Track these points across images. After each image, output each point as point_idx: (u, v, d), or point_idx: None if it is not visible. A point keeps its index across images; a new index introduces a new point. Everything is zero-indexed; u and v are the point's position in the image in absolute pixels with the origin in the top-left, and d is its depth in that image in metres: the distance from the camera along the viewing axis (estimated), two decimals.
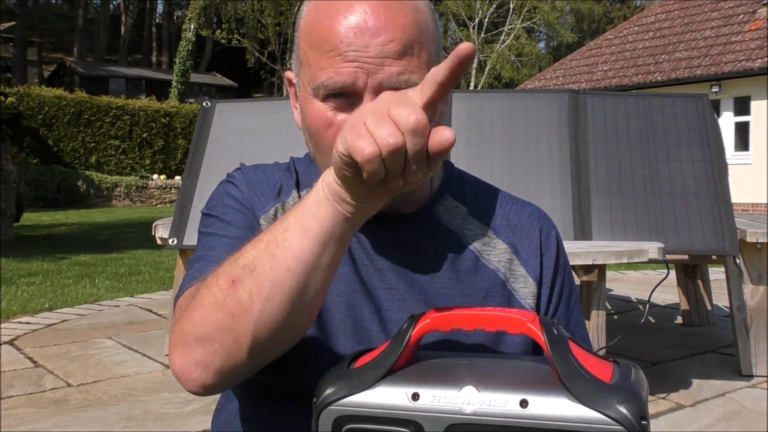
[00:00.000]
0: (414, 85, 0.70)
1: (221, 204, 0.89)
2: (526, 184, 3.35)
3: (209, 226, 0.88)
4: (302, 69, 0.81)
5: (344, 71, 0.74)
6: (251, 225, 0.86)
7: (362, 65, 0.74)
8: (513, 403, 0.62)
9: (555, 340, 0.65)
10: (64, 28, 38.50)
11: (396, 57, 0.74)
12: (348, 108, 0.76)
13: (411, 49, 0.75)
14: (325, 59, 0.75)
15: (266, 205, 0.88)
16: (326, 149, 0.77)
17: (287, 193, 0.89)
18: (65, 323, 4.89)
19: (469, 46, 0.59)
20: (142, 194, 19.94)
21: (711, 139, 3.41)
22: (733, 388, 3.37)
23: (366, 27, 0.74)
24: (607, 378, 0.63)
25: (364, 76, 0.74)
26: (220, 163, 3.57)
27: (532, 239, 0.91)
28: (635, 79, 14.70)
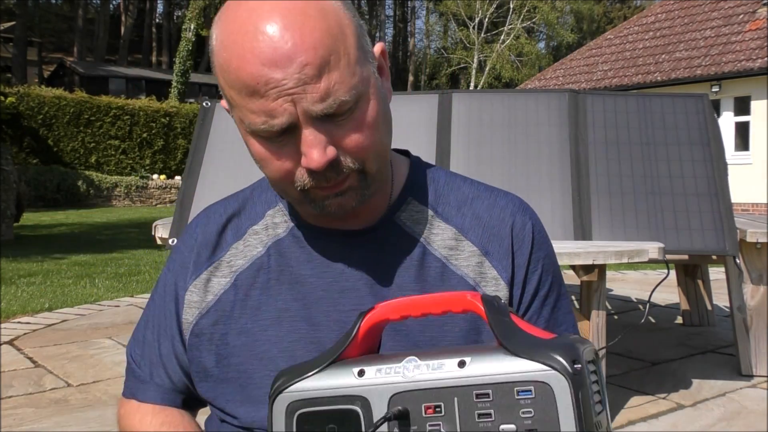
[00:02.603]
0: (341, 105, 0.72)
1: (158, 290, 0.94)
2: (526, 184, 3.35)
3: (152, 293, 0.96)
4: (233, 108, 0.77)
5: (275, 110, 0.71)
6: (168, 315, 0.91)
7: (286, 99, 0.71)
8: (451, 365, 0.63)
9: (495, 309, 0.66)
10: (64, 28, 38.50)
11: (316, 80, 0.71)
12: (288, 139, 0.74)
13: (328, 64, 0.71)
14: (250, 102, 0.72)
15: (199, 269, 0.89)
16: (276, 179, 0.78)
17: (223, 249, 0.90)
18: (65, 323, 4.89)
19: None
20: (142, 194, 19.94)
21: (711, 138, 3.41)
22: (733, 388, 3.37)
23: (276, 58, 0.70)
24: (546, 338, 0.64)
25: (293, 109, 0.71)
26: (220, 163, 3.57)
27: (504, 237, 0.86)
28: (635, 79, 14.69)
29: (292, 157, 0.75)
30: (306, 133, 0.72)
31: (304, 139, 0.73)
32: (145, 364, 0.92)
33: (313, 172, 0.74)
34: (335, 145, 0.74)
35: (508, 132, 3.51)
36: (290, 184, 0.77)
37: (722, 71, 13.14)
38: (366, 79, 0.75)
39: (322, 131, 0.73)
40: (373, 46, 0.81)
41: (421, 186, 0.89)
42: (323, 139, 0.73)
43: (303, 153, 0.73)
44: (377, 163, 0.78)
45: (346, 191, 0.77)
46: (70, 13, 38.86)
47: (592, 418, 0.59)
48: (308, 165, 0.73)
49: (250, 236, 0.89)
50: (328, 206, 0.78)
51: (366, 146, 0.76)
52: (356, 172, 0.76)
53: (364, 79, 0.75)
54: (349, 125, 0.74)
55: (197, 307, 0.88)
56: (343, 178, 0.76)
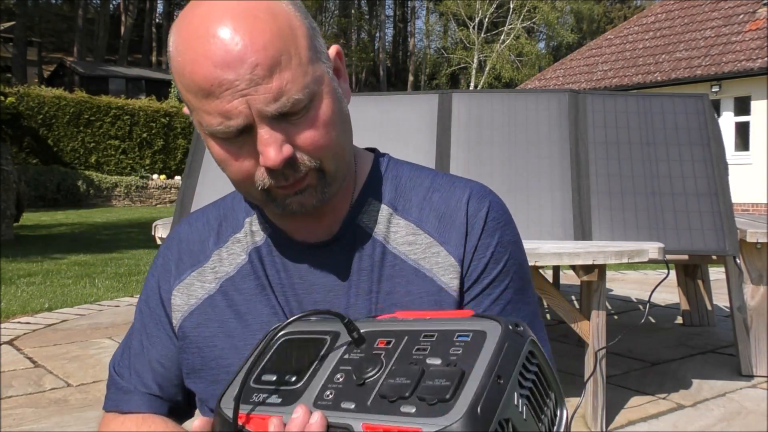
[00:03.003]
0: (294, 104, 0.74)
1: (142, 297, 0.96)
2: (527, 184, 3.35)
3: (137, 303, 0.97)
4: (191, 111, 0.79)
5: (231, 112, 0.73)
6: (156, 323, 0.93)
7: (241, 99, 0.73)
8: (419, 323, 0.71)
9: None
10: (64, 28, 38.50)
11: (267, 80, 0.73)
12: (244, 140, 0.76)
13: (279, 64, 0.73)
14: (206, 104, 0.74)
15: (182, 274, 0.92)
16: (238, 180, 0.80)
17: (206, 256, 0.92)
18: (65, 323, 4.89)
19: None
20: (142, 194, 19.94)
21: (711, 138, 3.41)
22: (733, 388, 3.37)
23: (228, 60, 0.72)
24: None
25: (248, 109, 0.73)
26: None
27: (459, 224, 0.86)
28: (635, 79, 14.69)
29: (251, 157, 0.77)
30: (261, 132, 0.74)
31: (260, 139, 0.74)
32: (130, 374, 0.93)
33: (272, 171, 0.76)
34: (291, 143, 0.76)
35: (508, 132, 3.51)
36: (251, 184, 0.79)
37: (722, 71, 13.14)
38: (319, 79, 0.77)
39: (278, 130, 0.75)
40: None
41: (381, 185, 0.91)
42: (279, 137, 0.75)
43: (260, 152, 0.75)
44: (335, 162, 0.81)
45: (305, 189, 0.79)
46: (70, 13, 38.85)
47: (510, 373, 0.61)
48: (265, 163, 0.75)
49: (233, 244, 0.91)
50: (290, 204, 0.80)
51: (321, 144, 0.78)
52: (314, 170, 0.79)
53: (317, 78, 0.76)
54: (304, 124, 0.76)
55: (180, 310, 0.90)
56: (302, 176, 0.78)
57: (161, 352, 0.92)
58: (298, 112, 0.75)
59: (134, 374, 0.93)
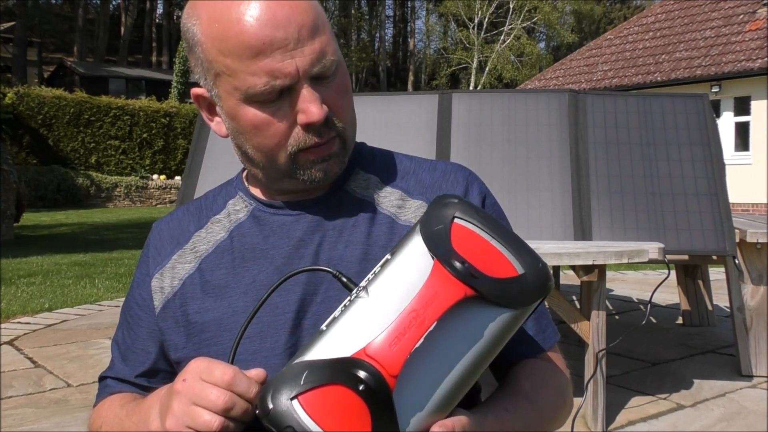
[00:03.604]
0: (330, 65, 0.80)
1: (131, 293, 0.97)
2: (527, 184, 3.35)
3: (125, 304, 0.98)
4: (221, 80, 0.82)
5: (280, 71, 0.77)
6: (144, 311, 0.94)
7: (289, 59, 0.77)
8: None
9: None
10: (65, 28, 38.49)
11: (310, 41, 0.78)
12: (282, 101, 0.80)
13: (318, 27, 0.80)
14: (252, 64, 0.77)
15: (164, 259, 0.94)
16: (268, 147, 0.83)
17: (186, 238, 0.95)
18: (65, 323, 4.89)
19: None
20: (142, 194, 19.93)
21: (711, 138, 3.41)
22: (733, 388, 3.37)
23: (277, 20, 0.77)
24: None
25: (295, 69, 0.78)
26: (220, 163, 3.57)
27: (446, 191, 0.92)
28: (635, 79, 14.69)
29: (285, 119, 0.80)
30: (304, 91, 0.79)
31: (302, 97, 0.79)
32: (120, 365, 0.96)
33: (309, 128, 0.80)
34: (325, 104, 0.81)
35: (508, 132, 3.51)
36: (281, 149, 0.82)
37: (722, 71, 13.14)
38: (339, 51, 0.84)
39: (316, 90, 0.80)
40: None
41: (365, 158, 0.96)
42: (318, 96, 0.80)
43: (301, 110, 0.79)
44: (352, 131, 0.87)
45: (330, 156, 0.84)
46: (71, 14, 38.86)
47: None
48: (308, 119, 0.79)
49: (212, 224, 0.94)
50: (315, 173, 0.84)
51: (346, 110, 0.84)
52: (338, 137, 0.84)
53: (339, 48, 0.84)
54: (332, 88, 0.82)
55: (162, 292, 0.92)
56: (332, 137, 0.83)
57: (138, 336, 0.94)
58: (330, 76, 0.81)
59: (118, 365, 0.96)
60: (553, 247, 2.83)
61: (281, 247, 0.89)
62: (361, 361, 0.65)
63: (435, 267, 0.68)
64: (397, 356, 0.65)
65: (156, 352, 0.93)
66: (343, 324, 0.68)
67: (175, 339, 0.90)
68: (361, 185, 0.93)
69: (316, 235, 0.89)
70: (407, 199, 0.92)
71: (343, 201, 0.91)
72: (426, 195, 0.92)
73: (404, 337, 0.66)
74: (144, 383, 0.93)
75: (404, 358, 0.65)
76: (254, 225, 0.91)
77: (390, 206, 0.91)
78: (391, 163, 0.97)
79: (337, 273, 0.77)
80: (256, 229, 0.91)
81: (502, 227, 0.72)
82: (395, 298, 0.68)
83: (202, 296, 0.89)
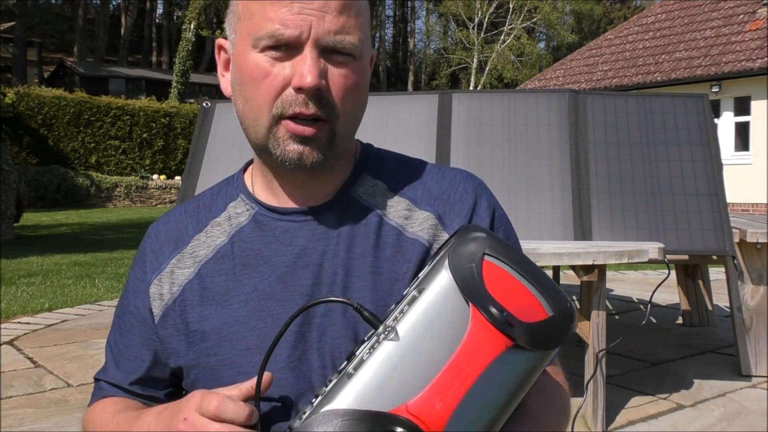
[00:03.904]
0: (348, 46, 0.79)
1: (125, 298, 0.94)
2: (527, 184, 3.35)
3: (119, 306, 0.95)
4: (240, 23, 0.81)
5: (291, 22, 0.76)
6: (139, 320, 0.92)
7: (306, 17, 0.76)
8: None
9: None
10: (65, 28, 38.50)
11: (336, 13, 0.77)
12: (285, 58, 0.78)
13: (350, 9, 0.79)
14: (270, 10, 0.77)
15: (162, 263, 0.91)
16: (257, 102, 0.80)
17: (184, 242, 0.91)
18: (65, 323, 4.89)
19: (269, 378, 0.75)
20: (142, 194, 19.93)
21: (711, 139, 3.41)
22: (733, 388, 3.37)
23: None
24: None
25: (308, 28, 0.76)
26: (220, 163, 3.57)
27: (455, 202, 0.90)
28: (635, 79, 14.69)
29: (282, 77, 0.78)
30: (309, 55, 0.77)
31: (303, 59, 0.77)
32: (114, 370, 0.94)
33: (299, 92, 0.78)
34: (327, 83, 0.79)
35: (508, 132, 3.51)
36: (268, 107, 0.79)
37: (722, 71, 13.14)
38: (367, 51, 0.83)
39: (323, 62, 0.78)
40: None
41: (372, 162, 0.93)
42: (321, 66, 0.78)
43: (297, 72, 0.77)
44: (345, 126, 0.83)
45: (312, 140, 0.80)
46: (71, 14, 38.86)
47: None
48: (300, 82, 0.77)
49: (212, 228, 0.91)
50: (288, 152, 0.80)
51: (348, 102, 0.81)
52: (327, 123, 0.80)
53: (367, 48, 0.82)
54: (341, 71, 0.79)
55: (161, 299, 0.89)
56: (319, 123, 0.80)
57: (132, 341, 0.91)
58: (344, 55, 0.79)
59: (112, 370, 0.93)
60: (553, 247, 2.83)
61: (284, 255, 0.86)
62: (405, 419, 0.63)
63: (473, 315, 0.66)
64: (440, 415, 0.63)
65: (150, 360, 0.90)
66: (374, 369, 0.65)
67: (176, 346, 0.87)
68: (368, 192, 0.90)
69: (320, 244, 0.86)
70: (414, 210, 0.89)
71: (349, 208, 0.88)
72: (434, 206, 0.89)
73: (447, 393, 0.64)
74: (138, 390, 0.91)
75: (448, 417, 0.63)
76: (256, 230, 0.88)
77: (397, 216, 0.88)
78: (398, 168, 0.93)
79: (358, 306, 0.74)
80: (258, 234, 0.88)
81: (529, 263, 0.71)
82: (431, 347, 0.65)
83: (201, 303, 0.87)
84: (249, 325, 0.84)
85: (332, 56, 0.79)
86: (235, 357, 0.83)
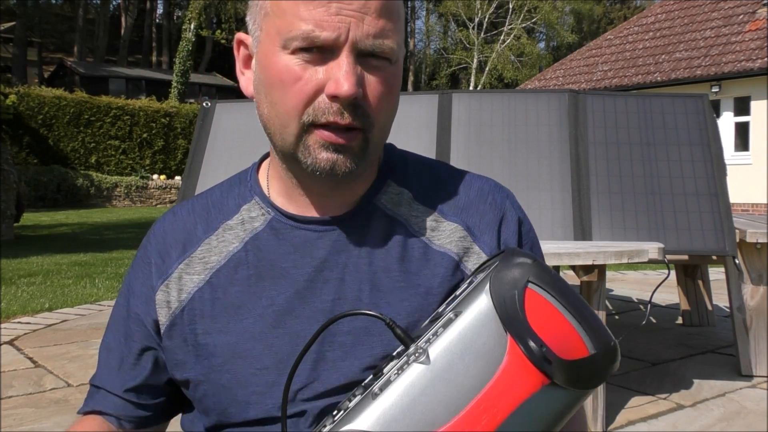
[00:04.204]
0: (386, 50, 0.73)
1: (126, 303, 0.88)
2: (526, 184, 3.35)
3: (118, 307, 0.89)
4: (268, 20, 0.75)
5: (328, 24, 0.70)
6: (134, 324, 0.86)
7: (344, 18, 0.71)
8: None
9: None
10: (65, 28, 38.50)
11: (376, 15, 0.72)
12: (318, 62, 0.72)
13: (390, 12, 0.73)
14: (305, 9, 0.71)
15: (169, 268, 0.84)
16: (285, 107, 0.74)
17: (193, 245, 0.85)
18: (65, 323, 4.89)
19: None
20: (142, 194, 19.94)
21: (711, 139, 3.41)
22: (733, 388, 3.37)
23: None
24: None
25: (346, 31, 0.71)
26: (220, 163, 3.57)
27: (484, 213, 0.86)
28: (635, 79, 14.69)
29: (316, 82, 0.72)
30: (346, 61, 0.71)
31: (340, 66, 0.71)
32: (107, 376, 0.88)
33: (335, 101, 0.72)
34: (363, 90, 0.73)
35: (508, 132, 3.52)
36: (297, 114, 0.74)
37: (722, 71, 13.14)
38: (402, 56, 0.77)
39: (359, 68, 0.72)
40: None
41: (398, 167, 0.88)
42: (358, 73, 0.72)
43: (333, 78, 0.71)
44: (379, 134, 0.78)
45: (345, 149, 0.74)
46: (71, 14, 38.86)
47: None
48: (336, 90, 0.71)
49: (225, 231, 0.84)
50: (320, 161, 0.75)
51: (383, 110, 0.76)
52: (362, 132, 0.75)
53: (402, 52, 0.77)
54: (378, 77, 0.74)
55: (168, 306, 0.83)
56: (354, 132, 0.74)
57: (137, 353, 0.86)
58: (382, 60, 0.74)
59: (108, 375, 0.88)
60: (553, 247, 2.83)
61: (303, 267, 0.80)
62: None
63: (510, 347, 0.63)
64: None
65: (150, 368, 0.85)
66: (400, 392, 0.62)
67: (183, 358, 0.82)
68: (393, 200, 0.84)
69: (341, 256, 0.80)
70: (441, 221, 0.84)
71: (373, 218, 0.83)
72: (461, 217, 0.84)
73: (474, 429, 0.61)
74: (132, 398, 0.86)
75: None
76: (272, 238, 0.82)
77: (423, 228, 0.83)
78: (424, 173, 0.88)
79: (390, 322, 0.68)
80: (275, 242, 0.82)
81: (575, 296, 0.67)
82: (463, 375, 0.62)
83: (212, 314, 0.81)
84: (266, 342, 0.79)
85: (368, 60, 0.73)
86: (249, 376, 0.78)
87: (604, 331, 0.66)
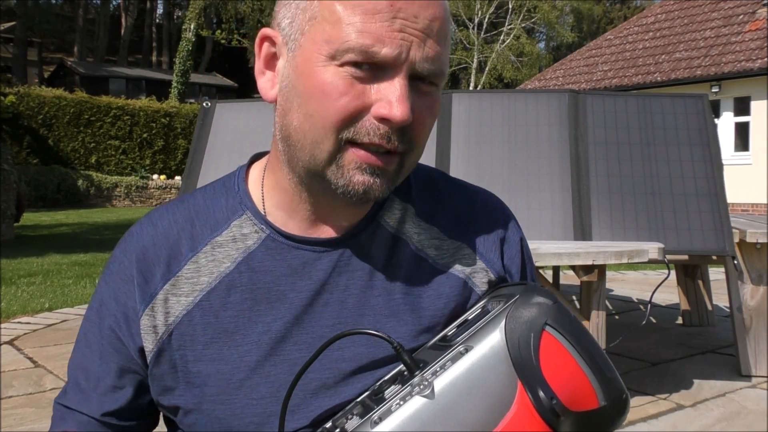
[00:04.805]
0: (439, 76, 0.70)
1: (102, 321, 0.80)
2: (526, 184, 3.35)
3: (90, 324, 0.81)
4: (315, 25, 0.68)
5: (390, 41, 0.65)
6: (110, 346, 0.79)
7: (407, 36, 0.66)
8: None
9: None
10: (65, 28, 38.51)
11: (437, 38, 0.68)
12: (369, 80, 0.67)
13: (446, 37, 0.70)
14: (364, 20, 0.65)
15: (154, 288, 0.77)
16: (323, 122, 0.68)
17: (178, 263, 0.78)
18: (65, 323, 4.89)
19: None
20: (142, 194, 19.94)
21: (710, 139, 3.41)
22: (733, 388, 3.37)
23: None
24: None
25: (407, 50, 0.66)
26: (220, 163, 3.58)
27: (487, 230, 0.83)
28: (635, 79, 14.69)
29: (363, 101, 0.67)
30: (402, 83, 0.66)
31: (393, 86, 0.66)
32: (75, 391, 0.81)
33: (385, 123, 0.67)
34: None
35: (508, 132, 3.52)
36: (336, 130, 0.68)
37: (722, 71, 13.14)
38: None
39: (411, 93, 0.68)
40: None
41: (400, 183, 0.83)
42: (412, 99, 0.68)
43: (387, 101, 0.66)
44: (414, 159, 0.74)
45: (383, 172, 0.70)
46: (71, 14, 38.87)
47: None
48: (390, 114, 0.66)
49: (214, 249, 0.77)
50: (354, 184, 0.69)
51: (423, 135, 0.72)
52: (399, 156, 0.71)
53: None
54: (427, 102, 0.70)
55: (155, 332, 0.76)
56: (393, 155, 0.70)
57: (116, 375, 0.79)
58: (431, 84, 0.70)
59: (82, 397, 0.80)
60: (553, 247, 2.83)
61: (301, 290, 0.75)
62: None
63: (519, 395, 0.61)
64: None
65: (132, 392, 0.79)
66: (400, 424, 0.60)
67: (172, 384, 0.76)
68: (395, 217, 0.80)
69: (342, 278, 0.76)
70: (444, 239, 0.81)
71: (375, 237, 0.78)
72: (465, 235, 0.82)
73: None
74: (113, 421, 0.79)
75: None
76: (268, 258, 0.76)
77: (427, 246, 0.80)
78: (425, 186, 0.84)
79: (398, 346, 0.66)
80: (270, 263, 0.76)
81: (592, 343, 0.65)
82: (466, 415, 0.60)
83: (204, 340, 0.75)
84: (263, 371, 0.74)
85: (418, 84, 0.69)
86: (245, 407, 0.74)
87: (617, 383, 0.64)
